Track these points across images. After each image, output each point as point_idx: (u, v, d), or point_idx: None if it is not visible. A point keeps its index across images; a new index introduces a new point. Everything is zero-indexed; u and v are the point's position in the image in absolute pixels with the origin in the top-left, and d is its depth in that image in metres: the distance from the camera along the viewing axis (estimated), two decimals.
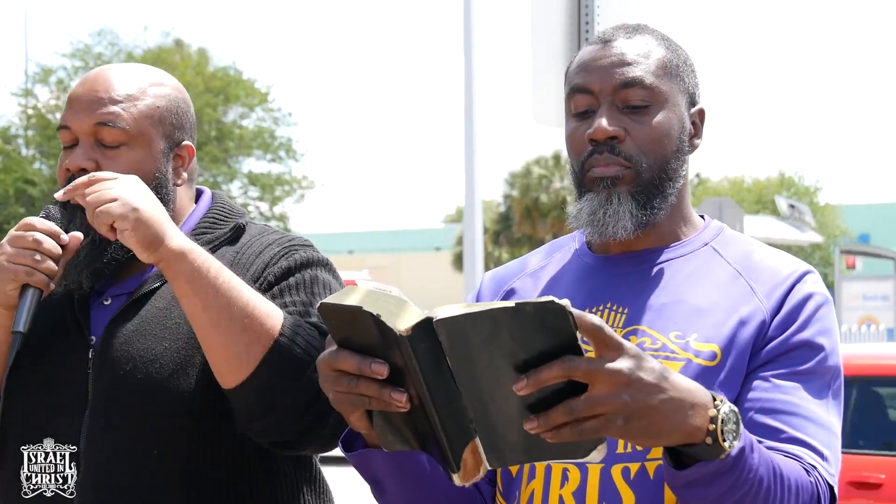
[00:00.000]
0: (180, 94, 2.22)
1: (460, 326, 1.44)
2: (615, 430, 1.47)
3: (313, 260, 2.16)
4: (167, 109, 2.17)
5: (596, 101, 1.87)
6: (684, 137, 1.91)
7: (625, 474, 1.77)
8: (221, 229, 2.21)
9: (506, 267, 2.08)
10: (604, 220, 1.85)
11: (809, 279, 1.86)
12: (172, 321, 2.09)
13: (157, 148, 2.15)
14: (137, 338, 2.08)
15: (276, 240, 2.19)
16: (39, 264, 2.01)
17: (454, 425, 1.49)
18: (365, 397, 1.54)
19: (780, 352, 1.79)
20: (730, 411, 1.55)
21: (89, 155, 2.11)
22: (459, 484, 1.54)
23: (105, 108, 2.12)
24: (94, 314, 2.14)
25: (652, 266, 1.90)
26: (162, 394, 2.05)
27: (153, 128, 2.14)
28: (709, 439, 1.54)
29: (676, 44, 1.95)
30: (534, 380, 1.43)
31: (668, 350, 1.80)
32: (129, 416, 2.05)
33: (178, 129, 2.18)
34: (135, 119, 2.12)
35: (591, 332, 1.46)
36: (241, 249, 2.18)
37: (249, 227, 2.24)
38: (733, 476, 1.56)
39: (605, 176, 1.85)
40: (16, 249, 2.02)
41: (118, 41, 26.33)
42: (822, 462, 1.74)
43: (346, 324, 1.53)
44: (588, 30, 5.04)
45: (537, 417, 1.45)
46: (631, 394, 1.46)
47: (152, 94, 2.16)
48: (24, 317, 2.01)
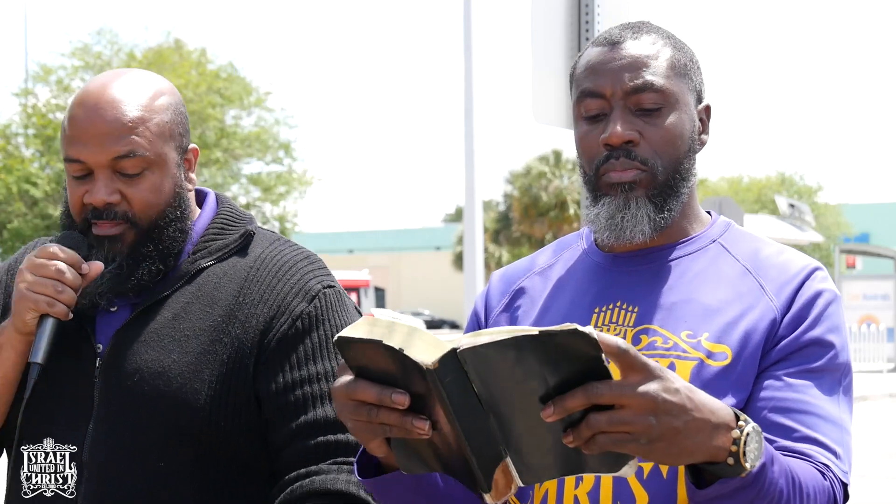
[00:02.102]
0: (175, 96, 2.17)
1: (485, 355, 1.44)
2: (638, 448, 1.46)
3: (330, 305, 2.13)
4: (173, 121, 2.12)
5: (608, 104, 1.86)
6: (694, 136, 1.91)
7: (638, 474, 1.76)
8: (231, 235, 2.18)
9: (514, 265, 2.08)
10: (622, 224, 1.85)
11: (818, 276, 1.86)
12: (181, 332, 2.07)
13: (172, 162, 2.11)
14: (145, 349, 2.07)
15: (293, 267, 2.14)
16: (60, 295, 2.00)
17: (483, 448, 1.49)
18: (386, 426, 1.53)
19: (791, 350, 1.79)
20: (753, 431, 1.54)
21: (111, 188, 2.06)
22: (492, 503, 1.53)
23: (122, 139, 2.05)
24: (99, 320, 2.12)
25: (661, 264, 1.90)
26: (169, 407, 2.03)
27: (167, 145, 2.10)
28: (731, 459, 1.53)
29: (681, 41, 1.94)
30: (560, 408, 1.43)
31: (680, 349, 1.79)
32: (135, 427, 2.04)
33: (184, 135, 2.15)
34: (151, 143, 2.07)
35: (617, 356, 1.45)
36: (255, 265, 2.14)
37: (258, 235, 2.21)
38: (754, 490, 1.56)
39: (623, 181, 1.85)
40: (37, 278, 2.01)
41: (118, 40, 26.28)
42: (835, 460, 1.73)
43: (362, 355, 1.52)
44: (588, 29, 5.04)
45: (572, 431, 1.45)
46: (657, 416, 1.45)
47: (158, 108, 2.11)
48: (43, 348, 2.00)
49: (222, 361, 2.05)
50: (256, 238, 2.20)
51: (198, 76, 25.50)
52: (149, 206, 2.08)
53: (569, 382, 1.43)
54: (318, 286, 2.12)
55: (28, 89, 26.05)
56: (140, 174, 2.07)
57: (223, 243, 2.16)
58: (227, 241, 2.17)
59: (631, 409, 1.44)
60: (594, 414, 1.43)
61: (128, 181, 2.07)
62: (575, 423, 1.45)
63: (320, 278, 2.14)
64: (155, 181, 2.08)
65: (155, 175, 2.08)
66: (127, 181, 2.07)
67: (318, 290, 2.12)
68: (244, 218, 2.23)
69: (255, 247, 2.18)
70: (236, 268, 2.13)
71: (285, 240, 2.23)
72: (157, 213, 2.09)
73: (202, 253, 2.14)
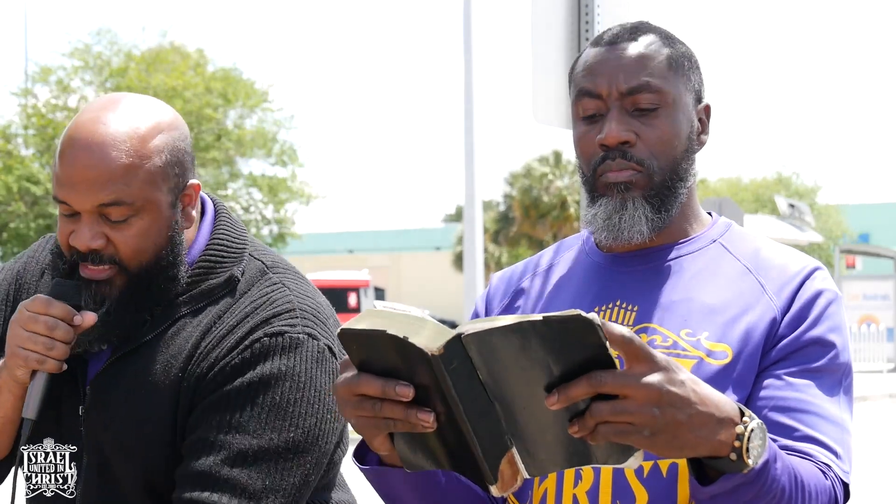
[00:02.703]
0: (177, 132, 2.07)
1: (490, 341, 1.43)
2: (640, 439, 1.45)
3: (283, 349, 2.03)
4: (168, 163, 2.04)
5: (604, 105, 1.87)
6: (693, 136, 1.91)
7: (638, 473, 1.77)
8: (216, 279, 2.10)
9: (515, 267, 2.08)
10: (619, 224, 1.85)
11: (819, 276, 1.86)
12: (156, 378, 2.04)
13: (165, 205, 2.04)
14: (122, 395, 2.04)
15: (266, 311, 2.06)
16: (51, 352, 1.98)
17: (489, 437, 1.48)
18: (390, 420, 1.52)
19: (791, 349, 1.79)
20: (757, 427, 1.53)
21: (96, 232, 2.01)
22: (497, 495, 1.52)
23: (107, 186, 1.98)
24: (90, 358, 2.10)
25: (661, 263, 1.90)
26: (140, 445, 2.03)
27: (158, 190, 2.03)
28: (733, 455, 1.52)
29: (680, 41, 1.94)
30: (564, 396, 1.42)
31: (680, 348, 1.80)
32: (116, 472, 2.05)
33: (181, 175, 2.07)
34: (140, 190, 2.00)
35: (621, 345, 1.44)
36: (229, 310, 2.08)
37: (246, 275, 2.12)
38: (756, 487, 1.55)
39: (619, 181, 1.85)
40: (28, 334, 1.98)
41: (117, 41, 26.25)
42: (835, 460, 1.74)
43: (365, 348, 1.51)
44: (588, 29, 5.04)
45: (578, 421, 1.44)
46: (660, 408, 1.44)
47: (150, 152, 2.02)
48: (35, 403, 1.99)
49: (183, 407, 2.02)
50: (243, 279, 2.12)
51: (195, 76, 25.48)
52: (136, 252, 2.02)
53: (574, 371, 1.42)
54: (286, 328, 2.04)
55: (27, 89, 26.04)
56: (126, 220, 2.01)
57: (207, 288, 2.09)
58: (212, 287, 2.09)
59: (634, 399, 1.43)
60: (597, 403, 1.43)
61: (114, 226, 2.01)
62: (581, 414, 1.44)
63: (292, 323, 2.05)
64: (143, 226, 2.02)
65: (143, 220, 2.02)
66: (113, 226, 2.01)
67: (277, 329, 2.03)
68: (234, 251, 2.14)
69: (238, 291, 2.10)
70: (209, 315, 2.08)
71: (271, 281, 2.13)
72: (146, 257, 2.03)
73: (185, 298, 2.08)
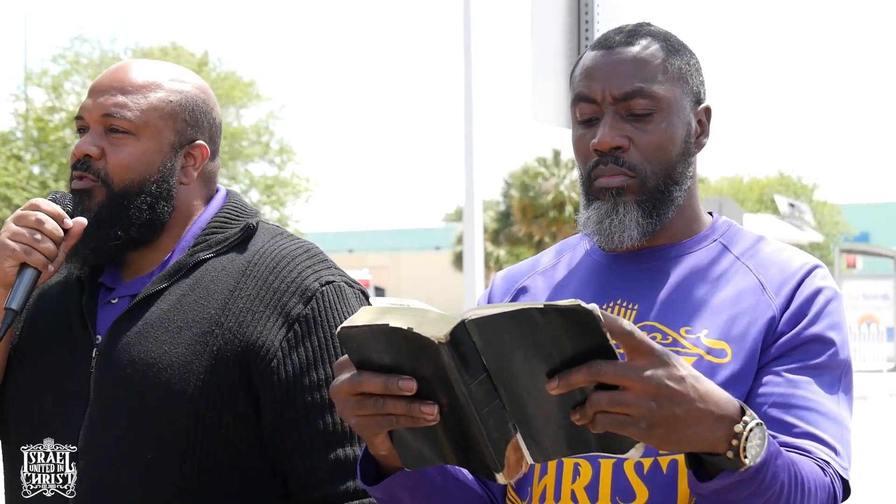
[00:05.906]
0: (201, 94, 2.19)
1: (493, 325, 1.43)
2: (637, 432, 1.46)
3: (329, 305, 2.09)
4: (181, 105, 2.14)
5: (599, 109, 1.87)
6: (690, 140, 1.91)
7: (638, 469, 1.77)
8: (232, 229, 2.17)
9: (517, 266, 2.09)
10: (610, 229, 1.86)
11: (818, 273, 1.86)
12: (175, 324, 2.07)
13: (165, 142, 2.12)
14: (139, 340, 2.07)
15: (291, 263, 2.12)
16: (38, 244, 2.03)
17: (494, 424, 1.48)
18: (392, 416, 1.51)
19: (791, 346, 1.79)
20: (757, 427, 1.53)
21: (96, 142, 2.11)
22: (504, 482, 1.52)
23: (114, 98, 2.11)
24: (101, 313, 2.13)
25: (661, 263, 1.91)
26: (159, 397, 2.03)
27: (162, 121, 2.12)
28: (730, 453, 1.52)
29: (680, 42, 1.94)
30: (564, 382, 1.43)
31: (680, 345, 1.80)
32: (127, 417, 2.04)
33: (191, 126, 2.15)
34: (142, 111, 2.11)
35: (622, 337, 1.45)
36: (253, 259, 2.13)
37: (261, 229, 2.20)
38: (755, 484, 1.56)
39: (611, 186, 1.86)
40: (17, 227, 2.04)
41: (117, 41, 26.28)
42: (835, 457, 1.74)
43: (365, 345, 1.51)
44: (588, 29, 5.03)
45: (579, 409, 1.45)
46: (658, 402, 1.45)
47: (168, 88, 2.14)
48: (20, 295, 2.03)
49: (212, 353, 2.04)
50: (258, 232, 2.19)
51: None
52: (123, 169, 2.09)
53: (576, 360, 1.43)
54: (316, 284, 2.10)
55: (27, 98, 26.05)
56: (124, 134, 2.10)
57: (223, 237, 2.16)
58: (228, 235, 2.16)
59: (632, 391, 1.44)
60: (596, 392, 1.44)
61: (112, 140, 2.11)
62: (583, 403, 1.45)
63: (318, 274, 2.12)
64: (137, 149, 2.10)
65: (140, 144, 2.11)
66: (111, 140, 2.11)
67: (315, 288, 2.09)
68: (248, 212, 2.22)
69: (256, 241, 2.17)
70: (234, 262, 2.12)
71: (288, 234, 2.21)
72: (131, 180, 2.10)
73: (201, 246, 2.14)
